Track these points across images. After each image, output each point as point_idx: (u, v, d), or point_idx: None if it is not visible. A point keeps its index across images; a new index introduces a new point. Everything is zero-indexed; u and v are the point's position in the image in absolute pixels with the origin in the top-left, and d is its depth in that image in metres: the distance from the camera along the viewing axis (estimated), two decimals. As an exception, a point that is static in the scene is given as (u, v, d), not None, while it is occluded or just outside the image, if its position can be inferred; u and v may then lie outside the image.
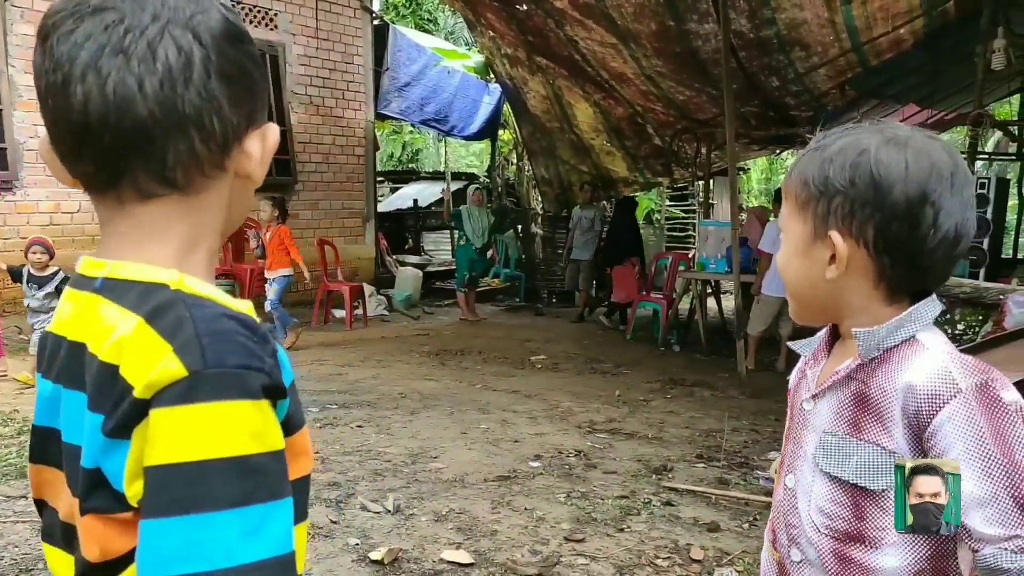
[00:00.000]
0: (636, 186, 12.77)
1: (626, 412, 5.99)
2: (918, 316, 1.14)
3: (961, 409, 1.05)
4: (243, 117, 0.86)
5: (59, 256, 6.55)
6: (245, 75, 0.86)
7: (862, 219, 1.12)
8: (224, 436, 0.75)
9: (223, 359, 0.77)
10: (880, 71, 7.90)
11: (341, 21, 11.37)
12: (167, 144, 0.81)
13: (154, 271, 0.82)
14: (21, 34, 8.01)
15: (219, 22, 0.84)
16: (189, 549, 0.73)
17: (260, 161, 0.89)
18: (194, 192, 0.86)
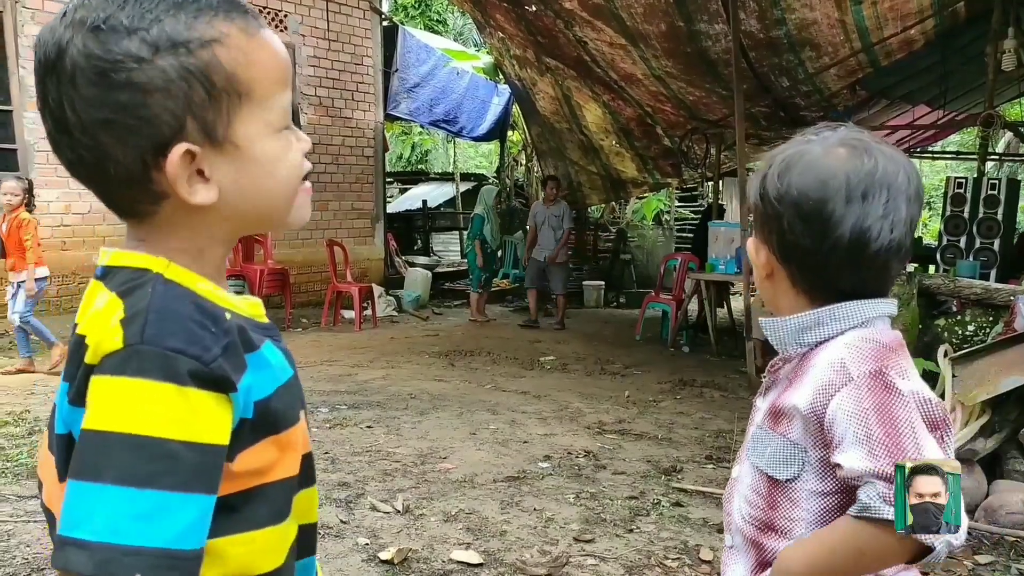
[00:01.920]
0: (645, 187, 12.77)
1: (635, 413, 5.98)
2: (842, 315, 1.17)
3: (850, 395, 1.08)
4: (139, 150, 0.82)
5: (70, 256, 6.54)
6: (127, 112, 0.80)
7: (768, 229, 1.20)
8: (137, 413, 0.76)
9: (160, 339, 0.77)
10: (891, 71, 7.88)
11: (351, 22, 11.39)
12: (94, 188, 0.86)
13: (145, 257, 0.85)
14: (31, 35, 8.05)
15: (80, 62, 0.80)
16: (81, 515, 0.74)
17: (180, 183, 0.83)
18: (157, 217, 0.87)
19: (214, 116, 0.84)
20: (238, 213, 0.89)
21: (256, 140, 0.87)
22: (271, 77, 0.88)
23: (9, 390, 5.90)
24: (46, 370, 6.51)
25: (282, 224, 0.95)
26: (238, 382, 0.82)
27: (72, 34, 0.80)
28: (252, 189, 0.88)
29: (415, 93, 12.50)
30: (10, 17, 7.83)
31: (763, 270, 1.25)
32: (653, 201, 15.45)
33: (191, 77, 0.81)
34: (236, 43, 0.84)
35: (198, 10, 0.83)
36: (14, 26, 7.88)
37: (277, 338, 0.95)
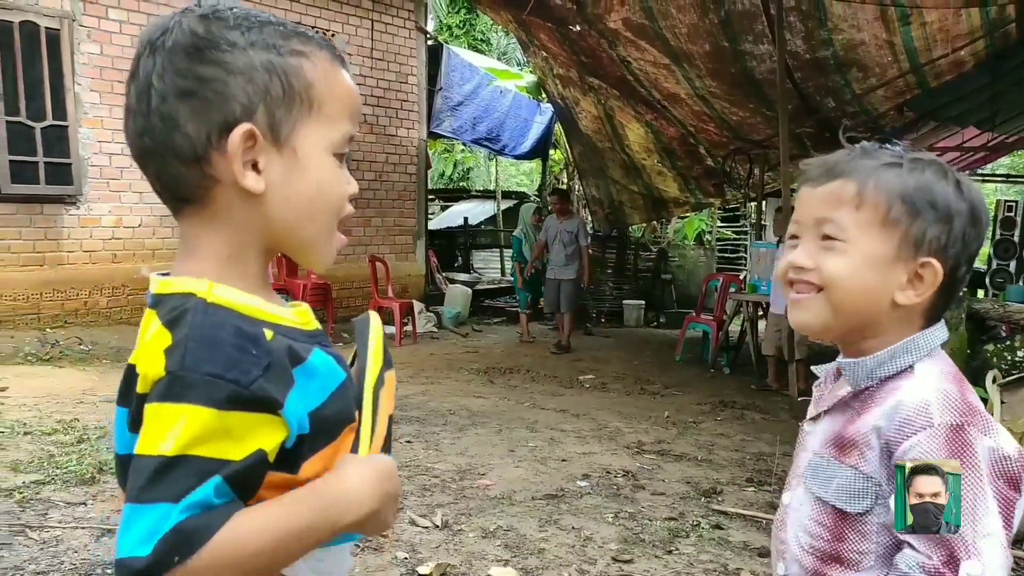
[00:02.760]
0: (687, 206, 12.72)
1: (675, 433, 5.94)
2: (916, 347, 1.14)
3: (925, 442, 1.05)
4: (207, 124, 0.88)
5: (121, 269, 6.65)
6: (208, 85, 0.87)
7: (954, 251, 1.14)
8: (177, 436, 0.80)
9: (199, 365, 0.82)
10: (940, 93, 7.78)
11: (396, 42, 11.54)
12: (152, 165, 0.92)
13: (188, 282, 0.89)
14: (88, 53, 8.28)
15: (182, 36, 0.88)
16: (124, 535, 0.78)
17: (236, 161, 0.88)
18: (205, 206, 0.92)
19: (283, 114, 0.91)
20: (279, 218, 0.93)
21: (313, 152, 0.93)
22: (342, 103, 0.96)
23: (59, 398, 6.03)
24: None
25: (312, 249, 0.98)
26: (284, 399, 0.86)
27: (181, 18, 0.89)
28: (297, 198, 0.93)
29: (458, 111, 12.61)
30: (67, 35, 8.06)
31: (927, 292, 1.14)
32: (695, 221, 15.38)
33: (274, 72, 0.90)
34: (321, 64, 0.94)
35: (296, 33, 0.94)
36: (71, 44, 8.10)
37: (326, 343, 0.97)
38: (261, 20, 0.91)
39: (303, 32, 0.94)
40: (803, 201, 1.21)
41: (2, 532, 3.50)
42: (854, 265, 1.13)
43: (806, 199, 1.20)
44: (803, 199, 1.21)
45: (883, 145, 1.18)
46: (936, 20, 6.62)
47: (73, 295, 8.25)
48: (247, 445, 0.83)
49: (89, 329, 8.15)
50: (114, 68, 8.47)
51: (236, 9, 0.91)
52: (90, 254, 8.39)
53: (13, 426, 5.13)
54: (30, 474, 4.24)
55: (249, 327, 0.87)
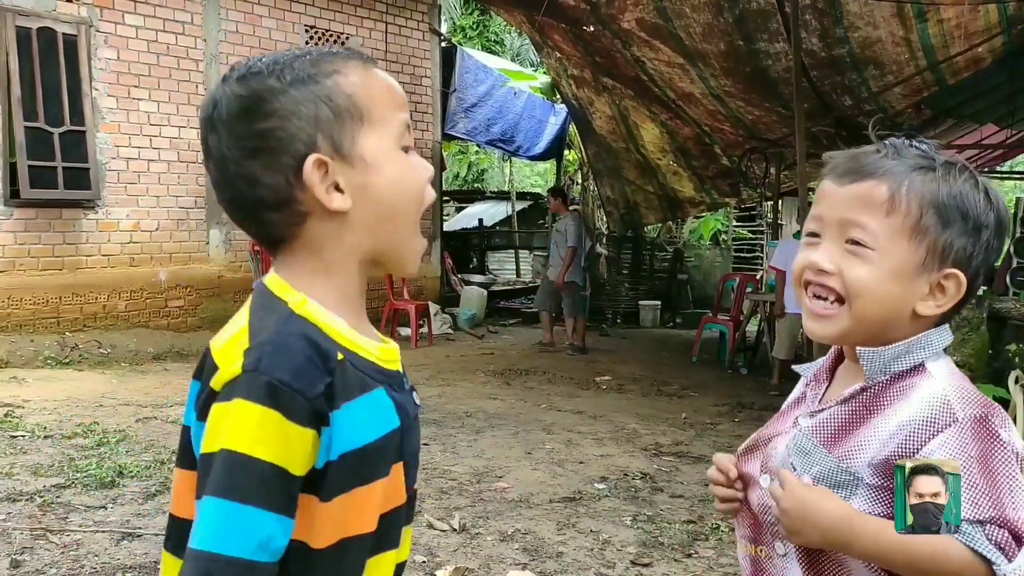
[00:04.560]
0: (703, 206, 12.67)
1: (693, 435, 5.91)
2: (928, 343, 1.13)
3: (954, 438, 1.03)
4: (283, 171, 0.94)
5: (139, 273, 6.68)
6: (269, 137, 0.94)
7: (977, 263, 1.12)
8: (242, 433, 0.85)
9: (271, 370, 0.87)
10: (957, 90, 7.71)
11: (410, 44, 11.56)
12: (251, 222, 0.99)
13: (288, 290, 0.96)
14: (104, 58, 8.33)
15: (230, 104, 0.95)
16: (196, 528, 0.85)
17: (318, 190, 0.95)
18: (301, 238, 0.98)
19: (340, 133, 0.96)
20: (369, 223, 0.98)
21: (381, 153, 0.98)
22: (385, 101, 1.00)
23: (79, 402, 6.07)
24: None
25: (401, 247, 1.04)
26: (330, 417, 0.89)
27: (224, 87, 0.97)
28: (380, 199, 0.98)
29: (472, 113, 12.61)
30: (84, 41, 8.11)
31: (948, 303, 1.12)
32: (710, 221, 15.33)
33: (318, 100, 0.95)
34: (354, 74, 0.99)
35: (322, 56, 0.99)
36: (88, 49, 8.16)
37: (398, 387, 1.01)
38: (289, 58, 0.97)
39: (327, 52, 0.99)
40: (827, 197, 1.15)
41: (24, 536, 3.53)
42: (879, 275, 1.10)
43: (831, 196, 1.14)
44: (828, 195, 1.15)
45: (912, 143, 1.14)
46: (953, 16, 6.56)
47: (92, 299, 8.31)
48: (303, 462, 0.87)
49: (108, 332, 8.21)
50: (131, 73, 8.53)
51: (266, 57, 0.97)
52: (108, 258, 8.44)
53: (34, 430, 5.17)
54: (51, 478, 4.27)
55: (324, 343, 0.92)
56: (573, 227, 9.62)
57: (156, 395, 6.45)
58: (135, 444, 4.98)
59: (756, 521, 1.25)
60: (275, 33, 9.81)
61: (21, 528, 3.60)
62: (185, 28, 9.00)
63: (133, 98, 8.57)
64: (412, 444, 1.03)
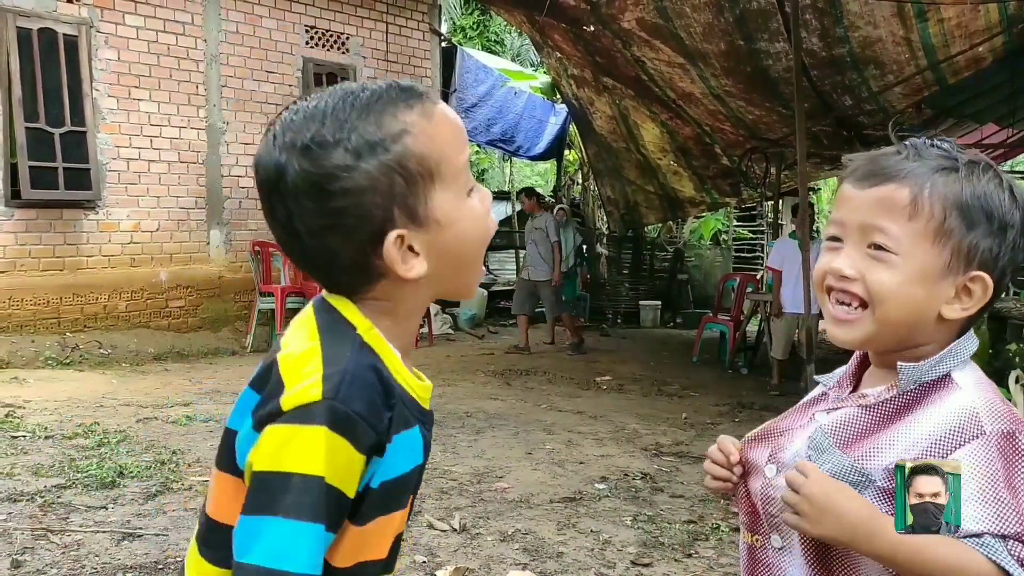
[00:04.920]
0: (703, 206, 12.67)
1: (693, 435, 5.91)
2: (957, 352, 1.11)
3: (981, 451, 1.02)
4: (361, 244, 0.93)
5: (139, 273, 6.70)
6: (344, 215, 0.92)
7: (1004, 264, 1.10)
8: (315, 456, 0.86)
9: (350, 401, 0.88)
10: (958, 89, 7.70)
11: (410, 44, 11.56)
12: (320, 276, 0.98)
13: (357, 315, 0.96)
14: (105, 59, 8.34)
15: (297, 180, 0.92)
16: (251, 542, 0.85)
17: (396, 264, 0.94)
18: (374, 291, 0.98)
19: (414, 199, 0.95)
20: (442, 279, 1.00)
21: (451, 211, 0.97)
22: (453, 148, 0.99)
23: (80, 403, 6.07)
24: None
25: (466, 291, 1.06)
26: (384, 453, 0.92)
27: (288, 156, 0.92)
28: (451, 255, 0.99)
29: (473, 113, 12.61)
30: (85, 42, 8.12)
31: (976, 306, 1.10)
32: (711, 220, 15.33)
33: (391, 171, 0.93)
34: (420, 129, 0.95)
35: (383, 108, 0.94)
36: (88, 50, 8.16)
37: (428, 426, 1.03)
38: (352, 118, 0.92)
39: (388, 99, 0.95)
40: (848, 201, 1.13)
41: (24, 536, 3.53)
42: (903, 280, 1.08)
43: (852, 200, 1.12)
44: (848, 199, 1.13)
45: (934, 143, 1.12)
46: (954, 16, 6.56)
47: (92, 299, 8.31)
48: (356, 486, 0.90)
49: (108, 333, 8.22)
50: (131, 74, 8.53)
51: (325, 115, 0.92)
52: (109, 258, 8.45)
53: (35, 430, 5.17)
54: (51, 478, 4.28)
55: (388, 379, 0.94)
56: (553, 223, 9.61)
57: (157, 395, 6.45)
58: (136, 444, 4.98)
59: (754, 510, 1.24)
60: (275, 33, 9.81)
61: (22, 528, 3.61)
62: (185, 28, 9.00)
63: (134, 99, 8.58)
64: (419, 483, 1.06)
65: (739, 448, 1.27)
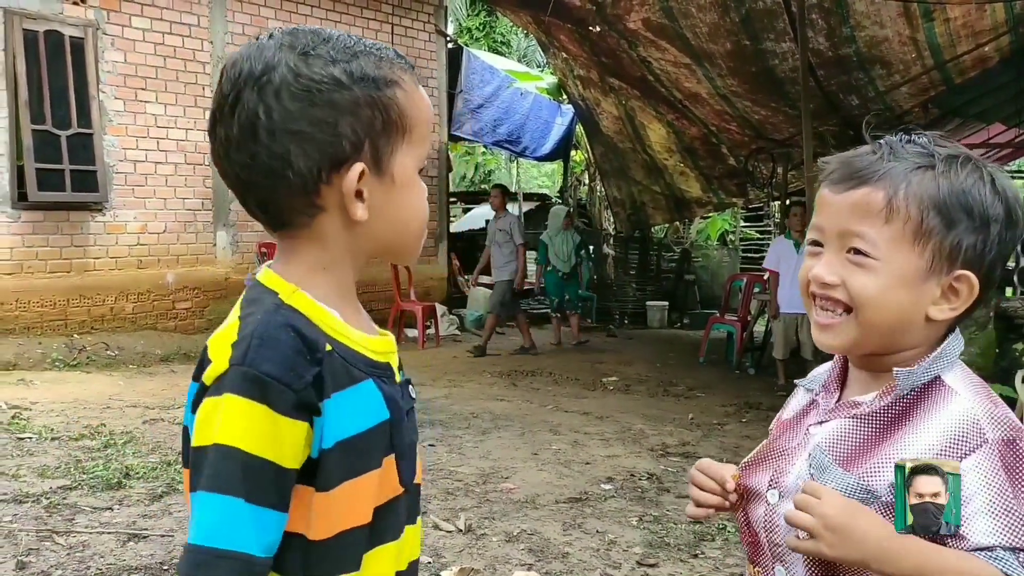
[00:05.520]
0: (710, 206, 12.65)
1: (700, 436, 5.90)
2: (946, 354, 1.09)
3: (985, 461, 1.00)
4: (319, 163, 0.92)
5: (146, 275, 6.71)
6: (321, 126, 0.91)
7: (991, 259, 1.07)
8: (231, 427, 0.85)
9: (258, 363, 0.87)
10: (964, 89, 7.69)
11: (416, 45, 11.57)
12: (256, 195, 0.96)
13: (280, 282, 0.95)
14: (112, 61, 8.36)
15: (287, 77, 0.91)
16: (192, 521, 0.86)
17: (349, 198, 0.94)
18: (307, 228, 0.96)
19: (385, 145, 0.96)
20: (378, 236, 0.99)
21: (407, 175, 0.99)
22: (425, 123, 1.01)
23: (86, 404, 6.09)
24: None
25: (408, 255, 1.06)
26: (321, 407, 0.89)
27: (283, 56, 0.92)
28: (396, 219, 0.99)
29: (479, 114, 12.62)
30: (91, 44, 8.14)
31: (963, 304, 1.07)
32: (718, 221, 15.30)
33: (376, 108, 0.94)
34: (410, 89, 0.99)
35: (383, 57, 0.97)
36: (95, 52, 8.19)
37: (387, 378, 1.00)
38: (356, 50, 0.95)
39: (390, 57, 0.98)
40: (825, 206, 1.11)
41: (30, 537, 3.53)
42: (885, 284, 1.05)
43: (829, 205, 1.10)
44: (825, 203, 1.11)
45: (910, 140, 1.09)
46: (960, 16, 6.54)
47: (99, 301, 8.33)
48: (295, 454, 0.88)
49: (115, 335, 8.23)
50: (138, 76, 8.55)
51: (331, 39, 0.94)
52: (116, 260, 8.47)
53: (41, 432, 5.18)
54: (57, 479, 4.29)
55: (313, 334, 0.91)
56: (517, 225, 9.53)
57: (163, 397, 6.46)
58: (142, 446, 4.99)
59: (755, 539, 1.19)
60: (281, 35, 9.82)
61: (27, 530, 3.61)
62: (192, 31, 9.02)
63: (140, 100, 8.60)
64: (405, 437, 1.01)
65: (735, 476, 1.22)
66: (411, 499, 1.04)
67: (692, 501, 1.23)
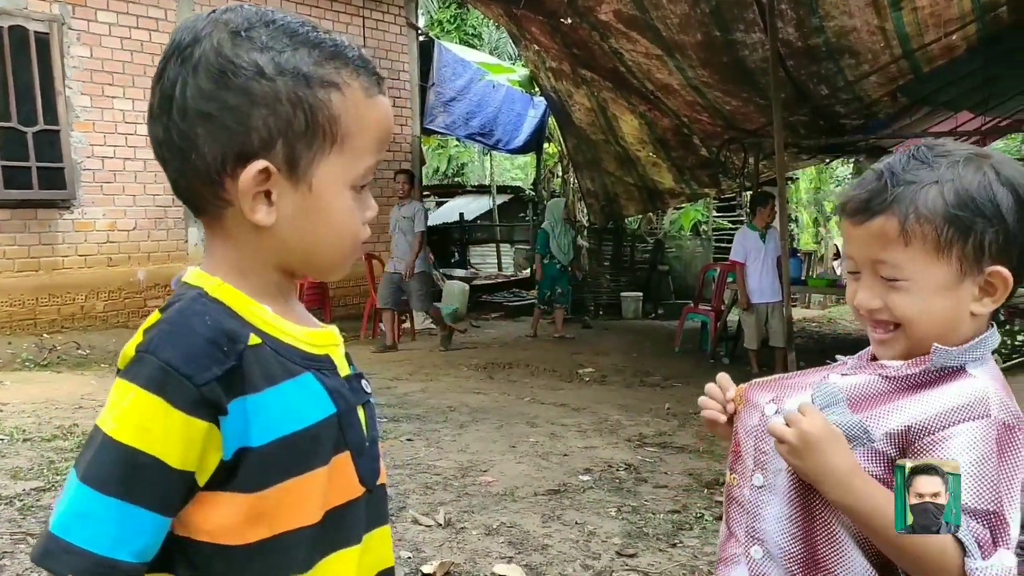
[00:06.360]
0: (683, 197, 12.70)
1: (676, 425, 5.94)
2: (980, 345, 1.14)
3: (980, 430, 1.05)
4: (224, 152, 0.86)
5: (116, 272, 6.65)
6: (230, 113, 0.85)
7: (1018, 243, 1.11)
8: (121, 417, 0.81)
9: (161, 351, 0.81)
10: (932, 78, 7.77)
11: (387, 38, 11.51)
12: (169, 172, 0.90)
13: (205, 277, 0.90)
14: (78, 56, 8.24)
15: (208, 56, 0.85)
16: (57, 505, 0.82)
17: (246, 197, 0.86)
18: (218, 220, 0.91)
19: (303, 149, 0.88)
20: (286, 247, 0.91)
21: (329, 188, 0.90)
22: (369, 137, 0.92)
23: (58, 404, 6.01)
24: None
25: (320, 275, 0.98)
26: (227, 405, 0.82)
27: (212, 29, 0.86)
28: (307, 230, 0.91)
29: (451, 107, 12.57)
30: (56, 38, 8.02)
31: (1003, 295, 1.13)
32: (691, 211, 15.37)
33: (299, 106, 0.86)
34: (353, 95, 0.90)
35: (333, 55, 0.89)
36: (60, 47, 8.07)
37: (327, 371, 0.94)
38: (298, 40, 0.87)
39: (342, 54, 0.90)
40: (850, 239, 1.19)
41: (4, 540, 3.49)
42: (923, 300, 1.12)
43: (852, 237, 1.18)
44: (849, 236, 1.19)
45: (912, 156, 1.14)
46: (927, 5, 6.61)
47: (69, 300, 8.23)
48: (187, 454, 0.81)
49: (86, 333, 8.14)
50: (104, 71, 8.44)
51: (275, 24, 0.87)
52: (85, 258, 8.37)
53: (12, 433, 5.11)
54: (30, 481, 4.23)
55: (233, 325, 0.86)
56: (422, 213, 9.08)
57: (136, 396, 6.39)
58: (116, 445, 4.93)
59: (738, 448, 1.26)
60: (250, 29, 9.72)
61: (1, 533, 3.56)
62: (159, 24, 8.91)
63: (107, 96, 8.49)
64: (357, 433, 0.95)
65: (741, 389, 1.29)
66: (374, 502, 0.97)
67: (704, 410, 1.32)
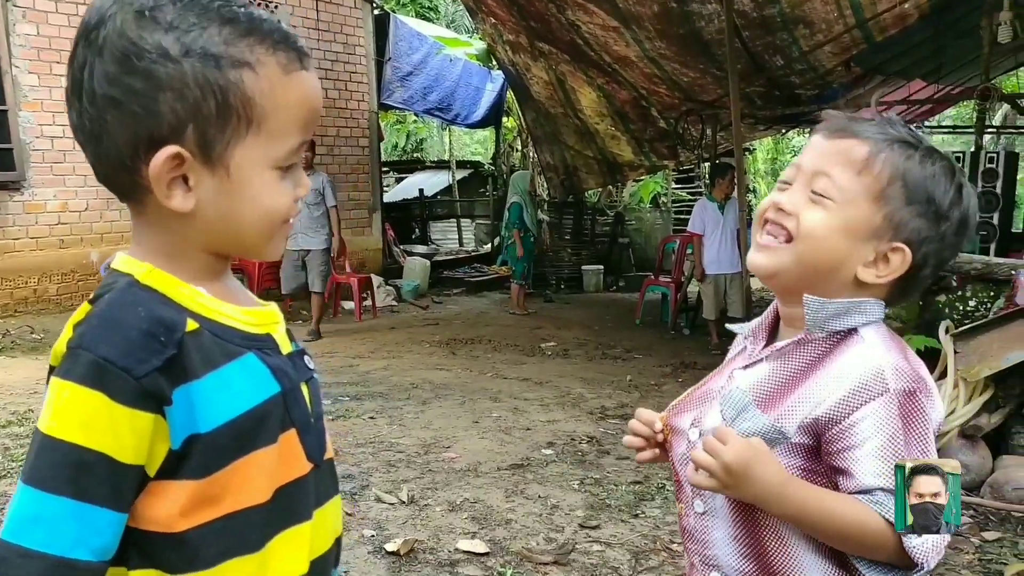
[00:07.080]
0: (642, 169, 12.73)
1: (637, 397, 5.99)
2: (866, 309, 1.16)
3: (883, 409, 1.07)
4: (134, 138, 0.83)
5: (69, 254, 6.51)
6: (136, 97, 0.82)
7: (930, 248, 1.15)
8: (62, 417, 0.79)
9: (95, 345, 0.79)
10: (885, 47, 7.84)
11: (341, 12, 11.33)
12: (89, 156, 0.88)
13: (134, 263, 0.88)
14: (24, 34, 8.01)
15: (112, 38, 0.81)
16: (7, 512, 0.80)
17: (159, 183, 0.84)
18: (140, 204, 0.89)
19: (216, 133, 0.85)
20: (212, 231, 0.89)
21: (248, 171, 0.87)
22: (290, 116, 0.88)
23: (12, 390, 5.90)
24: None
25: (254, 256, 0.96)
26: (171, 395, 0.81)
27: (117, 10, 0.82)
28: (229, 214, 0.88)
29: (408, 82, 12.45)
30: (1, 16, 7.79)
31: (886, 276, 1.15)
32: (650, 184, 15.41)
33: (208, 89, 0.83)
34: (268, 74, 0.85)
35: (247, 32, 0.84)
36: (6, 25, 7.84)
37: (269, 350, 0.93)
38: (208, 17, 0.82)
39: (258, 30, 0.85)
40: (811, 148, 1.21)
41: (-42, 531, 3.43)
42: (832, 226, 1.14)
43: (815, 147, 1.20)
44: (813, 146, 1.21)
45: (906, 125, 1.18)
46: (880, -25, 6.66)
47: (21, 283, 8.06)
48: (136, 448, 0.80)
49: (40, 317, 7.99)
50: (52, 49, 8.21)
51: (185, 4, 0.82)
52: (36, 240, 8.19)
53: (-35, 421, 5.01)
54: (-15, 470, 4.16)
55: (169, 313, 0.84)
56: (330, 185, 8.03)
57: (93, 380, 6.29)
58: (72, 431, 4.86)
59: (677, 476, 1.28)
60: (201, 4, 9.52)
61: (-45, 523, 3.50)
62: (106, 0, 8.68)
63: (55, 74, 8.25)
64: (303, 410, 0.94)
65: (663, 417, 1.31)
66: (322, 476, 0.97)
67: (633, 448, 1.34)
